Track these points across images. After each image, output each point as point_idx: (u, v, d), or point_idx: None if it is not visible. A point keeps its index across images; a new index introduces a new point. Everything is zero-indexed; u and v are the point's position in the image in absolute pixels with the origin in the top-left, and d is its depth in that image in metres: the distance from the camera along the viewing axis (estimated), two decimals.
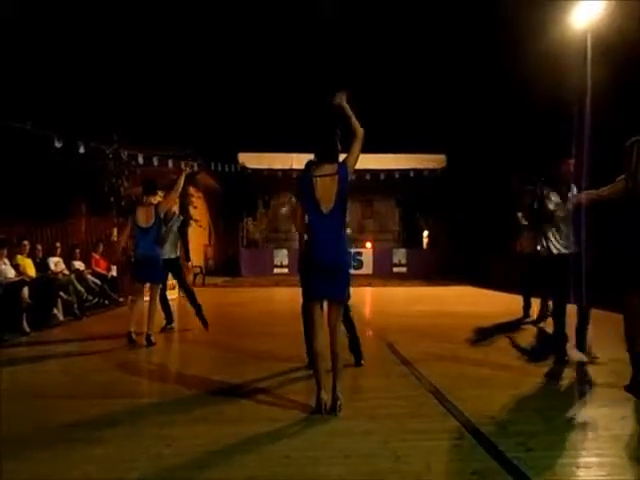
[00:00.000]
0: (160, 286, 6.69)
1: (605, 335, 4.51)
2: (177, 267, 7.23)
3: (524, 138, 13.99)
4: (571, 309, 4.91)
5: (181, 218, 7.53)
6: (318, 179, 3.60)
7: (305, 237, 3.80)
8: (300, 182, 3.74)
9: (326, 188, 3.58)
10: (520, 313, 7.64)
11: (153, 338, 6.11)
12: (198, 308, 7.07)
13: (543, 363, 4.89)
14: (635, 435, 3.28)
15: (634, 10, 10.04)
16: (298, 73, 21.29)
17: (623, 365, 4.18)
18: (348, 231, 3.69)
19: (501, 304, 9.69)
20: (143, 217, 6.22)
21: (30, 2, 13.50)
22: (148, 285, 6.48)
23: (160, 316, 7.01)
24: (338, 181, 3.58)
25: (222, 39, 20.90)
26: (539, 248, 5.08)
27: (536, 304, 7.44)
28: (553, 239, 4.96)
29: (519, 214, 7.95)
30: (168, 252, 7.04)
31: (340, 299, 3.72)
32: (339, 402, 3.52)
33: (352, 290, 3.88)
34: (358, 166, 3.76)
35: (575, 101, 9.97)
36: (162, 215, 6.35)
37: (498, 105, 15.69)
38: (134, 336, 6.02)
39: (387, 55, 21.12)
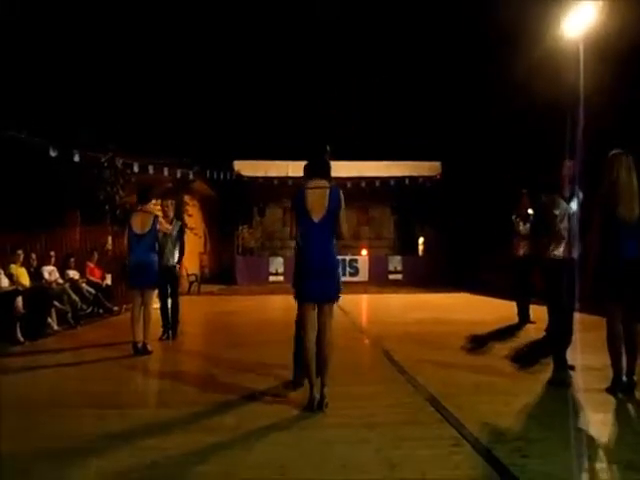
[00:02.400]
0: (155, 292, 6.65)
1: (600, 341, 4.51)
2: (175, 275, 7.24)
3: (519, 144, 14.07)
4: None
5: (179, 223, 7.50)
6: (309, 191, 3.92)
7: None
8: (294, 196, 4.04)
9: (316, 199, 3.87)
10: (515, 319, 7.63)
11: (150, 346, 6.10)
12: (176, 322, 7.16)
13: (539, 369, 4.87)
14: (631, 441, 3.28)
15: (627, 16, 10.19)
16: (295, 81, 21.40)
17: None
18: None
19: (497, 311, 9.69)
20: (138, 224, 6.21)
21: (28, 8, 13.52)
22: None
23: (158, 325, 6.98)
24: (329, 196, 3.86)
25: (219, 48, 20.99)
26: (541, 253, 4.93)
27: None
28: (554, 246, 4.81)
29: (513, 217, 7.93)
30: (167, 259, 7.02)
31: (330, 300, 3.92)
32: (326, 400, 3.77)
33: (349, 297, 3.93)
34: (354, 174, 3.88)
35: (570, 104, 10.10)
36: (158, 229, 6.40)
37: (492, 112, 15.79)
38: (139, 346, 6.00)
39: (384, 63, 21.27)
